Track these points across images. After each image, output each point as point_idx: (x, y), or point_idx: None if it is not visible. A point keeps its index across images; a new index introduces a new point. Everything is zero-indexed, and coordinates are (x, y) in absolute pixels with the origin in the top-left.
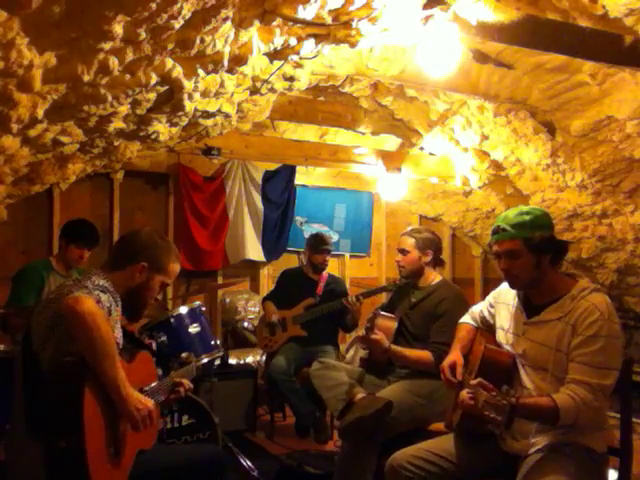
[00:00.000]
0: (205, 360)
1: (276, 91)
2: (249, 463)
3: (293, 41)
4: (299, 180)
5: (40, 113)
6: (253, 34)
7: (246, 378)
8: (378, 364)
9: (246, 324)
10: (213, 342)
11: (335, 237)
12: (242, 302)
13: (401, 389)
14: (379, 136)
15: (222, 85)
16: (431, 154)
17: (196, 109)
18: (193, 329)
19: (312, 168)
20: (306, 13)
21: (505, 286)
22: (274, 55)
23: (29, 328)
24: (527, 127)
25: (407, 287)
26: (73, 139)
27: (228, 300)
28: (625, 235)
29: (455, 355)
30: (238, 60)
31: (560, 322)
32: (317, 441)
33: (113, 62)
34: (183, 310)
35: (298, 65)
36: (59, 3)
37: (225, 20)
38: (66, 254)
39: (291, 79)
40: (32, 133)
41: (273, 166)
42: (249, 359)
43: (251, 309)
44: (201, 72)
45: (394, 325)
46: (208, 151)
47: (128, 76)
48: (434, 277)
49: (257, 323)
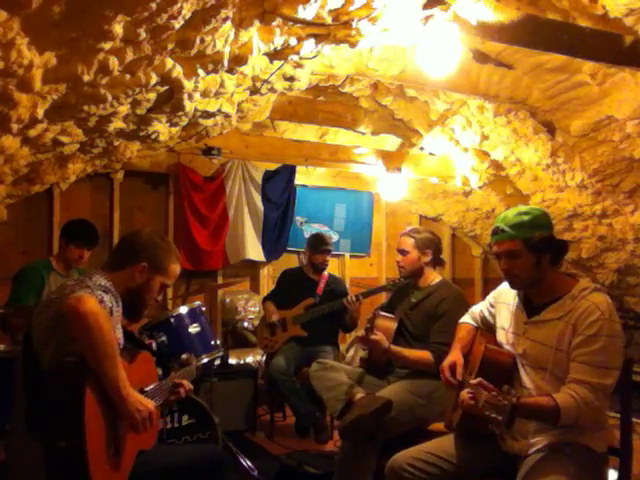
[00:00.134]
0: (205, 360)
1: (276, 91)
2: (249, 463)
3: (293, 41)
4: (299, 180)
5: (40, 113)
6: (253, 34)
7: (246, 378)
8: (378, 364)
9: (246, 324)
10: (213, 342)
11: (335, 237)
12: (242, 302)
13: (401, 389)
14: (379, 136)
15: (222, 85)
16: (431, 154)
17: (196, 109)
18: (193, 329)
19: (312, 168)
20: (306, 13)
21: (505, 286)
22: (274, 55)
23: (30, 328)
24: (527, 127)
25: (407, 287)
26: (73, 139)
27: (228, 300)
28: (625, 235)
29: (455, 355)
30: (238, 60)
31: (561, 321)
32: (317, 441)
33: (113, 62)
34: (183, 310)
35: (298, 65)
36: (59, 3)
37: (225, 20)
38: (66, 254)
39: (291, 79)
40: (32, 133)
41: (273, 166)
42: (249, 359)
43: (251, 309)
44: (201, 72)
45: (394, 325)
46: (208, 151)
47: (128, 76)
48: (434, 277)
49: (257, 323)
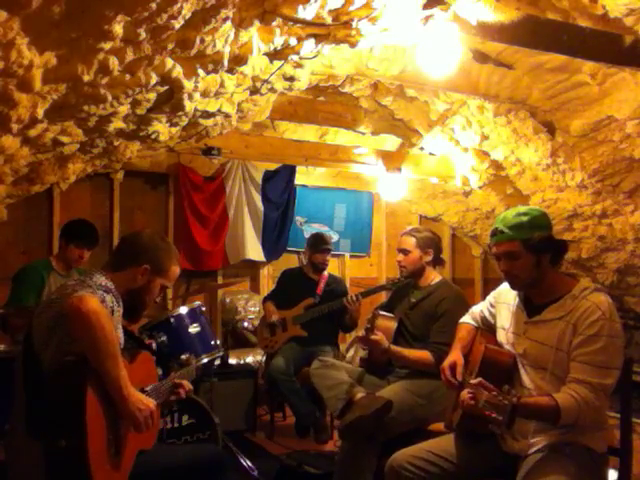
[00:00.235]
0: (205, 360)
1: (276, 91)
2: (249, 463)
3: (293, 41)
4: (299, 180)
5: (40, 113)
6: (253, 34)
7: (246, 378)
8: (378, 364)
9: (246, 324)
10: (213, 342)
11: (335, 237)
12: (242, 302)
13: (401, 389)
14: (379, 136)
15: (222, 85)
16: (431, 154)
17: (196, 109)
18: (193, 329)
19: (312, 168)
20: (306, 13)
21: (505, 286)
22: (274, 55)
23: (30, 328)
24: (527, 127)
25: (407, 287)
26: (73, 139)
27: (228, 300)
28: (625, 235)
29: (455, 355)
30: (238, 60)
31: (561, 321)
32: (317, 441)
33: (113, 62)
34: (183, 310)
35: (298, 65)
36: (59, 3)
37: (225, 20)
38: (66, 254)
39: (291, 79)
40: (32, 133)
41: (273, 166)
42: (249, 359)
43: (251, 309)
44: (201, 72)
45: (394, 325)
46: (208, 151)
47: (128, 76)
48: (434, 277)
49: (257, 323)
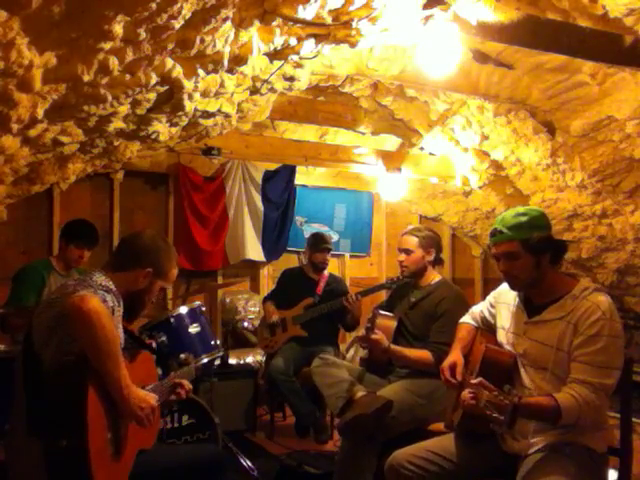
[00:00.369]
0: (205, 360)
1: (276, 91)
2: (249, 463)
3: (293, 41)
4: (299, 180)
5: (40, 113)
6: (253, 34)
7: (246, 378)
8: (378, 364)
9: (246, 324)
10: (213, 342)
11: (335, 237)
12: (242, 302)
13: (401, 389)
14: (379, 136)
15: (222, 85)
16: (431, 154)
17: (196, 109)
18: (193, 329)
19: (312, 168)
20: (306, 13)
21: (505, 286)
22: (274, 55)
23: (30, 328)
24: (527, 127)
25: (406, 286)
26: (73, 139)
27: (228, 300)
28: (625, 235)
29: (455, 355)
30: (238, 60)
31: (561, 321)
32: (317, 441)
33: (113, 62)
34: (183, 310)
35: (298, 65)
36: (59, 3)
37: (225, 20)
38: (66, 254)
39: (291, 79)
40: (32, 133)
41: (273, 166)
42: (249, 359)
43: (251, 309)
44: (201, 72)
45: (394, 324)
46: (208, 151)
47: (128, 76)
48: (434, 276)
49: (257, 323)
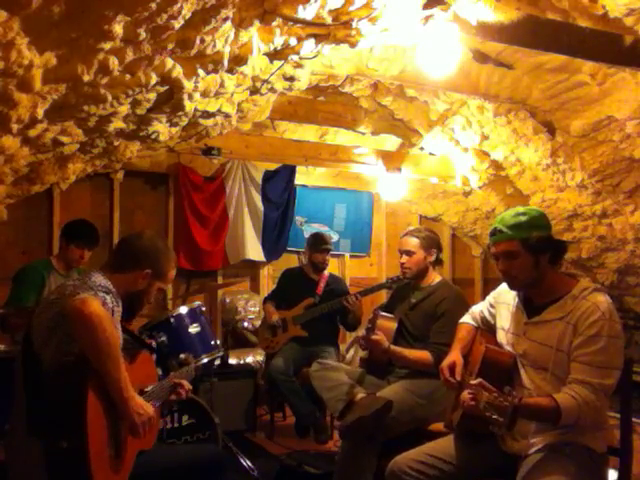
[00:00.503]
0: (205, 360)
1: (276, 91)
2: (249, 463)
3: (293, 41)
4: (299, 180)
5: (40, 113)
6: (253, 34)
7: (246, 378)
8: (378, 364)
9: (246, 324)
10: (213, 342)
11: (335, 237)
12: (242, 302)
13: (401, 389)
14: (379, 136)
15: (222, 85)
16: (431, 154)
17: (196, 109)
18: (193, 329)
19: (312, 168)
20: (306, 13)
21: (505, 286)
22: (274, 55)
23: (30, 328)
24: (527, 127)
25: (407, 287)
26: (73, 139)
27: (228, 300)
28: (625, 235)
29: (455, 356)
30: (238, 60)
31: (561, 322)
32: (317, 441)
33: (113, 62)
34: (183, 310)
35: (298, 65)
36: (59, 3)
37: (225, 20)
38: (66, 254)
39: (291, 79)
40: (32, 133)
41: (273, 166)
42: (249, 359)
43: (251, 309)
44: (201, 72)
45: (394, 325)
46: (208, 151)
47: (128, 76)
48: (434, 277)
49: (258, 324)
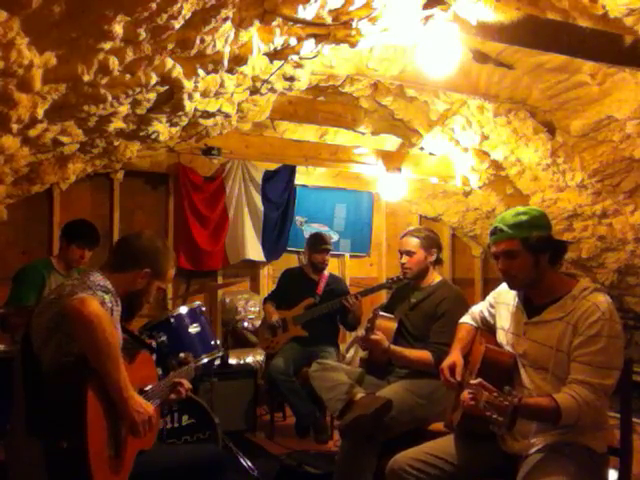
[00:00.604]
0: (205, 360)
1: (276, 91)
2: (249, 463)
3: (293, 41)
4: (299, 180)
5: (40, 113)
6: (253, 34)
7: (246, 378)
8: (378, 364)
9: (246, 324)
10: (213, 342)
11: (335, 237)
12: (242, 302)
13: (401, 389)
14: (379, 136)
15: (222, 85)
16: (431, 154)
17: (196, 109)
18: (193, 329)
19: (312, 168)
20: (306, 13)
21: (505, 286)
22: (274, 55)
23: (29, 328)
24: (527, 127)
25: (407, 287)
26: (73, 139)
27: (228, 300)
28: (625, 235)
29: (455, 356)
30: (238, 60)
31: (561, 322)
32: (317, 441)
33: (113, 62)
34: (183, 310)
35: (298, 65)
36: (59, 3)
37: (225, 20)
38: (67, 254)
39: (291, 79)
40: (32, 133)
41: (273, 166)
42: (249, 359)
43: (251, 309)
44: (201, 72)
45: (394, 325)
46: (208, 151)
47: (128, 76)
48: (434, 277)
49: (258, 324)
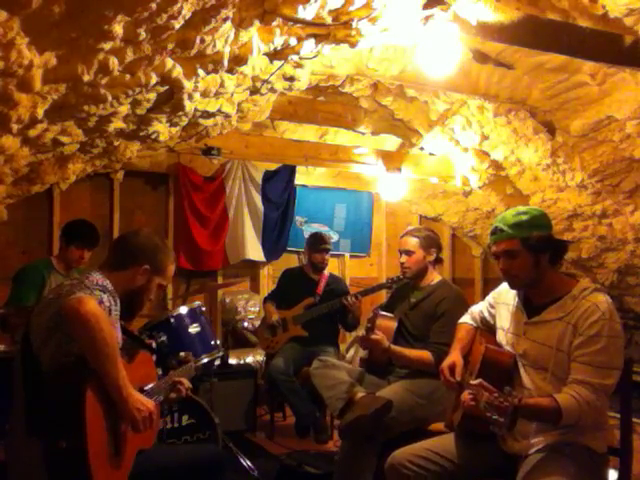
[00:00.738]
0: (205, 360)
1: (276, 91)
2: (249, 463)
3: (293, 41)
4: (299, 180)
5: (40, 113)
6: (253, 34)
7: (246, 378)
8: (378, 364)
9: (246, 324)
10: (213, 342)
11: (335, 237)
12: (242, 302)
13: (401, 389)
14: (379, 136)
15: (222, 85)
16: (431, 154)
17: (196, 109)
18: (193, 329)
19: (312, 168)
20: (306, 13)
21: (505, 286)
22: (274, 55)
23: (28, 328)
24: (527, 127)
25: (406, 287)
26: (73, 139)
27: (228, 300)
28: (625, 235)
29: (455, 356)
30: (238, 60)
31: (561, 322)
32: (317, 441)
33: (113, 62)
34: (183, 310)
35: (298, 65)
36: (59, 3)
37: (225, 20)
38: (66, 254)
39: (291, 79)
40: (32, 133)
41: (273, 166)
42: (249, 359)
43: (251, 309)
44: (201, 72)
45: (394, 325)
46: (208, 151)
47: (128, 76)
48: (434, 277)
49: (257, 324)
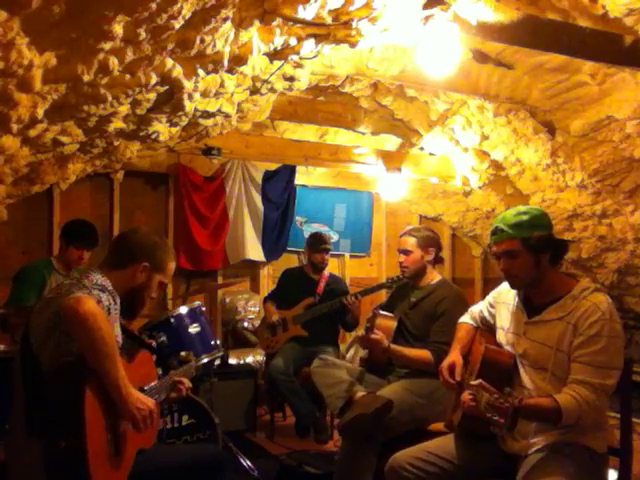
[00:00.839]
0: (205, 360)
1: (276, 91)
2: (249, 463)
3: (293, 41)
4: (299, 180)
5: (40, 113)
6: (253, 34)
7: (246, 378)
8: (378, 364)
9: (246, 324)
10: (213, 342)
11: (335, 237)
12: (242, 302)
13: (401, 389)
14: (379, 136)
15: (222, 85)
16: (431, 154)
17: (196, 109)
18: (193, 329)
19: (312, 168)
20: (306, 13)
21: (505, 286)
22: (274, 55)
23: (28, 328)
24: (527, 127)
25: (406, 287)
26: (73, 139)
27: (228, 300)
28: (625, 235)
29: (454, 356)
30: (238, 60)
31: (561, 322)
32: (317, 441)
33: (113, 62)
34: (183, 310)
35: (298, 65)
36: (59, 3)
37: (225, 20)
38: (66, 255)
39: (291, 79)
40: (32, 133)
41: (273, 166)
42: (249, 359)
43: (251, 309)
44: (201, 72)
45: (394, 324)
46: (208, 151)
47: (128, 76)
48: (434, 276)
49: (257, 323)
